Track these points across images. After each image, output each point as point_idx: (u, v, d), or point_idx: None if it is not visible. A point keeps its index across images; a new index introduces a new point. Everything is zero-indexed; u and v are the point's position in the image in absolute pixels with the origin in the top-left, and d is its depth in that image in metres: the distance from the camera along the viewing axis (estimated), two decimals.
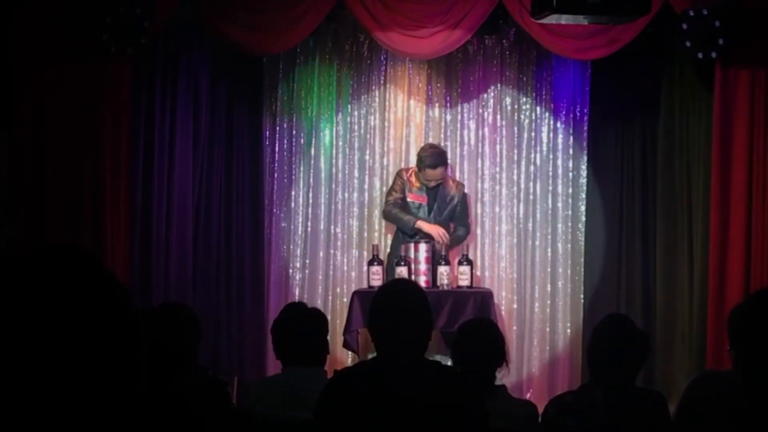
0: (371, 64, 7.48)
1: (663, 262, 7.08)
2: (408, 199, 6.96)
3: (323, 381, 3.30)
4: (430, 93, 7.47)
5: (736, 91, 6.35)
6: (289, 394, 3.82)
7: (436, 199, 6.96)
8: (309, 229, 7.45)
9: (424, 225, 6.86)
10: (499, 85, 7.48)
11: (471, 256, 6.89)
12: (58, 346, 1.21)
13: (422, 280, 6.55)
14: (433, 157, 6.84)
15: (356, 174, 7.47)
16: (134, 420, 1.28)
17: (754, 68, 6.33)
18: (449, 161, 7.12)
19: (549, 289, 7.40)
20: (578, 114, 7.42)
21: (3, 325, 1.21)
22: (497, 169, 7.45)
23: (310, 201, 7.46)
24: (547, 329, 7.37)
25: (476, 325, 4.00)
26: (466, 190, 7.18)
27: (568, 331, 7.35)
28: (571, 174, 7.42)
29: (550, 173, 7.44)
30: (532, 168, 7.46)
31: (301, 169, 7.48)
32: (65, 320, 1.22)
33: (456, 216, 7.03)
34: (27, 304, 1.22)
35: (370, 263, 6.77)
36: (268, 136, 7.45)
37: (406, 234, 6.93)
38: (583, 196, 7.40)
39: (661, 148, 7.14)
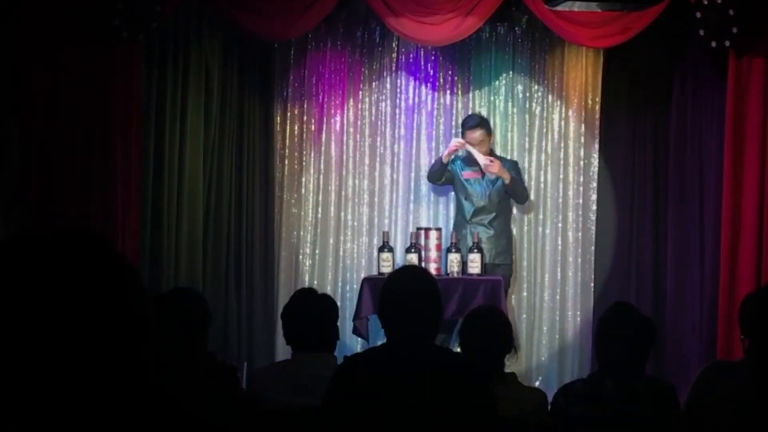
0: (382, 51, 7.46)
1: (674, 251, 7.05)
2: (463, 178, 7.05)
3: (333, 367, 3.30)
4: (441, 80, 7.45)
5: (750, 80, 6.31)
6: (299, 380, 3.82)
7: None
8: (319, 215, 7.46)
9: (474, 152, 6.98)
10: (510, 72, 7.45)
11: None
12: (68, 332, 1.21)
13: (432, 267, 6.56)
14: (472, 118, 7.05)
15: (367, 161, 7.47)
16: (143, 406, 1.27)
17: None
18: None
19: (559, 277, 7.38)
20: (590, 102, 7.38)
21: (13, 310, 1.20)
22: (508, 157, 7.43)
23: (321, 187, 7.46)
24: (557, 317, 7.36)
25: (483, 313, 3.99)
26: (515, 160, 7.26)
27: (578, 319, 7.34)
28: (582, 162, 7.39)
29: (561, 161, 7.41)
30: (543, 156, 7.44)
31: (312, 155, 7.47)
32: (76, 305, 1.21)
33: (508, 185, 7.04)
34: (38, 289, 1.21)
35: (380, 250, 6.78)
36: (279, 122, 7.45)
37: (463, 215, 7.03)
38: (594, 184, 7.37)
39: (673, 137, 7.10)
